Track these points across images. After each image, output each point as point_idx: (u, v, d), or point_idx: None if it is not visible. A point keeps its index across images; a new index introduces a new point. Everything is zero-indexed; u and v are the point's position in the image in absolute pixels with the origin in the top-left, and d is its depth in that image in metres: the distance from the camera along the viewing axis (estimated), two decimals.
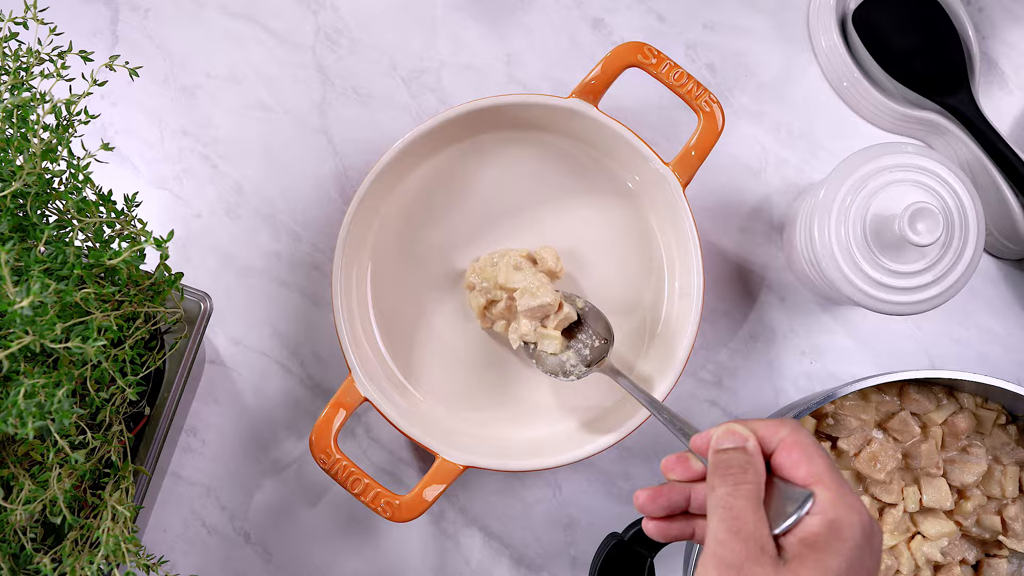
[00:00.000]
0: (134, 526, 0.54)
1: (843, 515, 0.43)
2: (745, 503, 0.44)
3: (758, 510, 0.44)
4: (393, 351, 0.69)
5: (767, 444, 0.47)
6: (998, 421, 0.67)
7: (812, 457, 0.45)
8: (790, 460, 0.46)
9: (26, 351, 0.45)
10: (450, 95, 0.74)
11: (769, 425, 0.47)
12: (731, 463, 0.46)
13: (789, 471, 0.46)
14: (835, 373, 0.73)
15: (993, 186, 0.71)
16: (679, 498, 0.50)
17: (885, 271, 0.63)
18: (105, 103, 0.73)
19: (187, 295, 0.59)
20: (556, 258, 0.68)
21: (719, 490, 0.45)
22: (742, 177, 0.74)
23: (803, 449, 0.46)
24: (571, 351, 0.67)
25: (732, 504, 0.44)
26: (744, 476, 0.45)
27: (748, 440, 0.47)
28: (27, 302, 0.42)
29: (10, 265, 0.43)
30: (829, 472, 0.45)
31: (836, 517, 0.43)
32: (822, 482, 0.44)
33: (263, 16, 0.74)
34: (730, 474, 0.46)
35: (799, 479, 0.45)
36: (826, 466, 0.45)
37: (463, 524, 0.71)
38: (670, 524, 0.50)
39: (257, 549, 0.70)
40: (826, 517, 0.43)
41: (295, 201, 0.73)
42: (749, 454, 0.46)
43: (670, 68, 0.66)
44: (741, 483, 0.45)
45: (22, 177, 0.48)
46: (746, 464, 0.46)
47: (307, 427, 0.71)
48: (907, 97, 0.73)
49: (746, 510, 0.44)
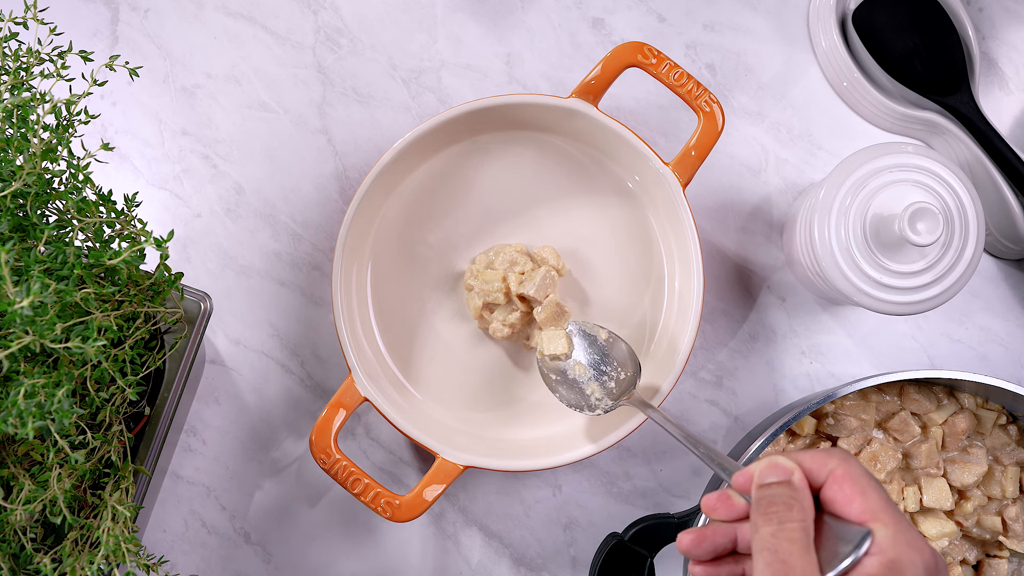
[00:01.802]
0: (134, 526, 0.54)
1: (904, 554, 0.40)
2: (791, 546, 0.41)
3: (807, 552, 0.41)
4: (393, 351, 0.69)
5: (815, 477, 0.44)
6: (998, 421, 0.67)
7: (866, 491, 0.42)
8: (842, 495, 0.42)
9: (26, 351, 0.45)
10: (450, 95, 0.74)
11: (816, 456, 0.44)
12: (775, 499, 0.43)
13: (842, 507, 0.42)
14: (835, 373, 0.73)
15: (993, 186, 0.71)
16: (724, 540, 0.47)
17: (885, 271, 0.63)
18: (105, 103, 0.73)
19: (187, 295, 0.59)
20: (557, 256, 0.68)
21: (763, 530, 0.42)
22: (742, 177, 0.74)
23: (855, 482, 0.43)
24: (596, 383, 0.65)
25: (778, 547, 0.41)
26: (789, 514, 0.42)
27: (793, 473, 0.44)
28: (27, 302, 0.42)
29: (10, 265, 0.43)
30: (886, 507, 0.42)
31: (897, 557, 0.40)
32: (879, 519, 0.41)
33: (263, 16, 0.74)
34: (774, 512, 0.42)
35: (853, 516, 0.42)
36: (882, 501, 0.42)
37: (463, 524, 0.71)
38: (718, 567, 0.48)
39: (257, 549, 0.70)
40: (886, 557, 0.40)
41: (295, 201, 0.73)
42: (795, 488, 0.43)
43: (670, 68, 0.66)
44: (787, 521, 0.42)
45: (22, 177, 0.48)
46: (791, 500, 0.43)
47: (307, 427, 0.71)
48: (907, 97, 0.73)
49: (793, 553, 0.41)
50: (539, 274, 0.66)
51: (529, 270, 0.67)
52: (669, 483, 0.72)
